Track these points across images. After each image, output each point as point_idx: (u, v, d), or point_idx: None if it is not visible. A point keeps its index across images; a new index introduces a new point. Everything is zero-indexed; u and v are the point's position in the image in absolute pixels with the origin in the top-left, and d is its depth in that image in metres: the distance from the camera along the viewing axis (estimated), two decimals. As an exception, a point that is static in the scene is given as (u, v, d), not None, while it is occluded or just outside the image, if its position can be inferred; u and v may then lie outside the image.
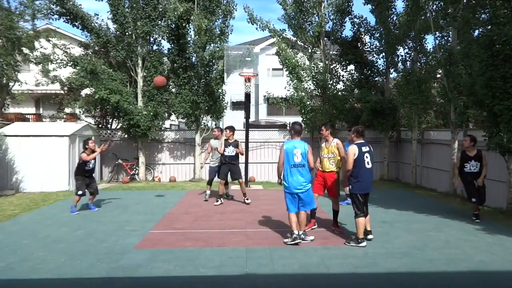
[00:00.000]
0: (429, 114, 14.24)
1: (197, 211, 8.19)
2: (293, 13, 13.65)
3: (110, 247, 5.58)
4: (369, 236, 5.87)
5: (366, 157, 5.76)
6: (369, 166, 5.75)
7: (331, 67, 13.96)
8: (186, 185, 12.47)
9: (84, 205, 8.41)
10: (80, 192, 8.04)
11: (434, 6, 10.57)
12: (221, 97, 13.57)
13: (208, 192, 9.55)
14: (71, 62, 12.85)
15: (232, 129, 8.98)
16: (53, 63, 13.11)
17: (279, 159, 5.71)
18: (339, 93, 13.72)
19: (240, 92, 15.21)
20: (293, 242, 5.63)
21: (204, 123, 13.81)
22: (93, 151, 8.23)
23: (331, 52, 14.06)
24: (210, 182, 9.51)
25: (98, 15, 12.85)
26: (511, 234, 6.19)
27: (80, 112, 16.28)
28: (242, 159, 11.81)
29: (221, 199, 9.03)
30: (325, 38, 13.89)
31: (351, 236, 5.96)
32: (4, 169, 10.74)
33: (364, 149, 5.80)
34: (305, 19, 13.57)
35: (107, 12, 12.86)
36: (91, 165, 8.20)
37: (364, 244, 5.59)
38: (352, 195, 5.81)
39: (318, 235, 6.18)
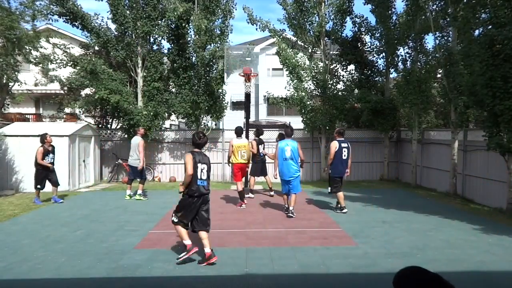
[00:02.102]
0: (429, 114, 14.23)
1: (197, 211, 8.17)
2: (293, 13, 13.63)
3: (110, 247, 5.58)
4: (344, 210, 7.76)
5: (344, 151, 7.67)
6: (344, 158, 7.67)
7: (331, 67, 13.94)
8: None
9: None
10: (38, 186, 8.88)
11: (434, 6, 10.57)
12: (221, 97, 13.54)
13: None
14: (71, 62, 12.84)
15: (255, 131, 10.45)
16: (53, 63, 13.09)
17: (274, 154, 7.63)
18: (339, 93, 13.69)
19: (240, 92, 15.15)
20: (289, 214, 7.36)
21: (204, 123, 13.79)
22: (49, 149, 8.98)
23: (331, 52, 14.04)
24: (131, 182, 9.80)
25: (98, 14, 12.84)
26: (511, 234, 6.18)
27: (80, 112, 16.27)
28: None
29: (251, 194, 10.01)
30: (326, 38, 13.86)
31: (337, 206, 8.01)
32: (4, 169, 10.73)
33: (343, 145, 7.71)
34: (305, 19, 13.54)
35: (107, 12, 12.87)
36: (49, 159, 8.99)
37: (345, 210, 7.71)
38: (331, 177, 7.83)
39: (318, 235, 6.19)
